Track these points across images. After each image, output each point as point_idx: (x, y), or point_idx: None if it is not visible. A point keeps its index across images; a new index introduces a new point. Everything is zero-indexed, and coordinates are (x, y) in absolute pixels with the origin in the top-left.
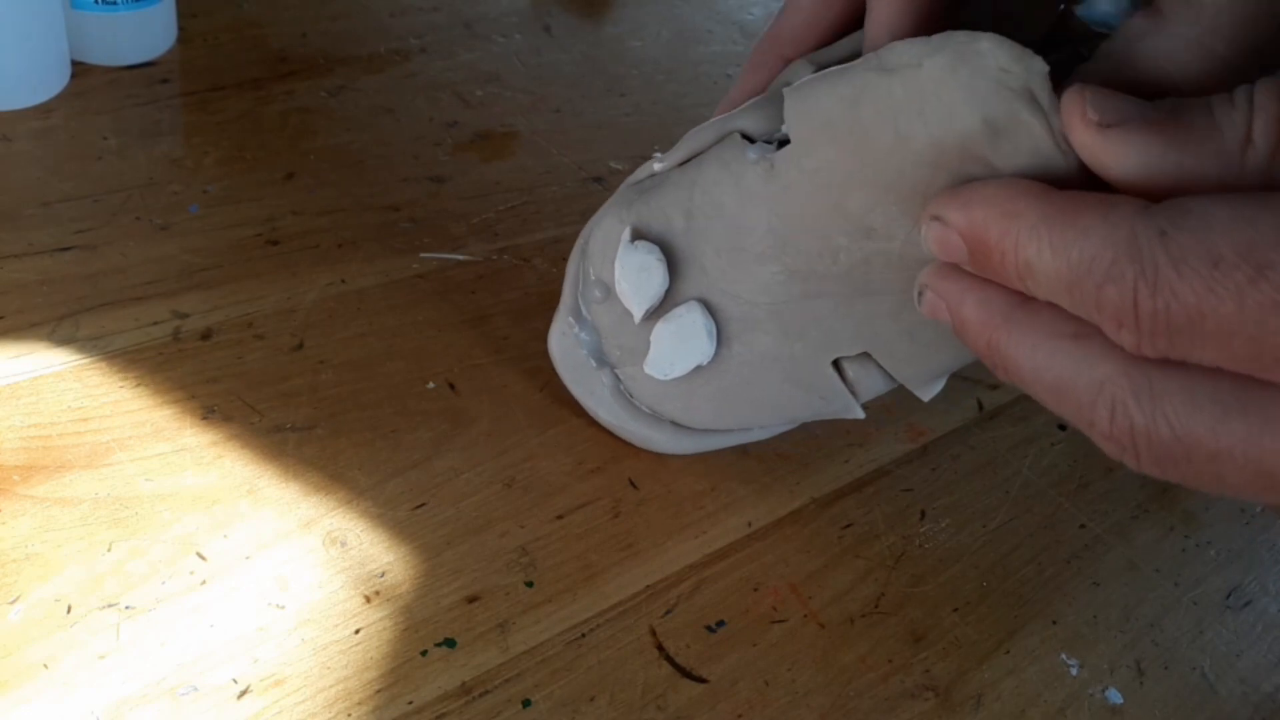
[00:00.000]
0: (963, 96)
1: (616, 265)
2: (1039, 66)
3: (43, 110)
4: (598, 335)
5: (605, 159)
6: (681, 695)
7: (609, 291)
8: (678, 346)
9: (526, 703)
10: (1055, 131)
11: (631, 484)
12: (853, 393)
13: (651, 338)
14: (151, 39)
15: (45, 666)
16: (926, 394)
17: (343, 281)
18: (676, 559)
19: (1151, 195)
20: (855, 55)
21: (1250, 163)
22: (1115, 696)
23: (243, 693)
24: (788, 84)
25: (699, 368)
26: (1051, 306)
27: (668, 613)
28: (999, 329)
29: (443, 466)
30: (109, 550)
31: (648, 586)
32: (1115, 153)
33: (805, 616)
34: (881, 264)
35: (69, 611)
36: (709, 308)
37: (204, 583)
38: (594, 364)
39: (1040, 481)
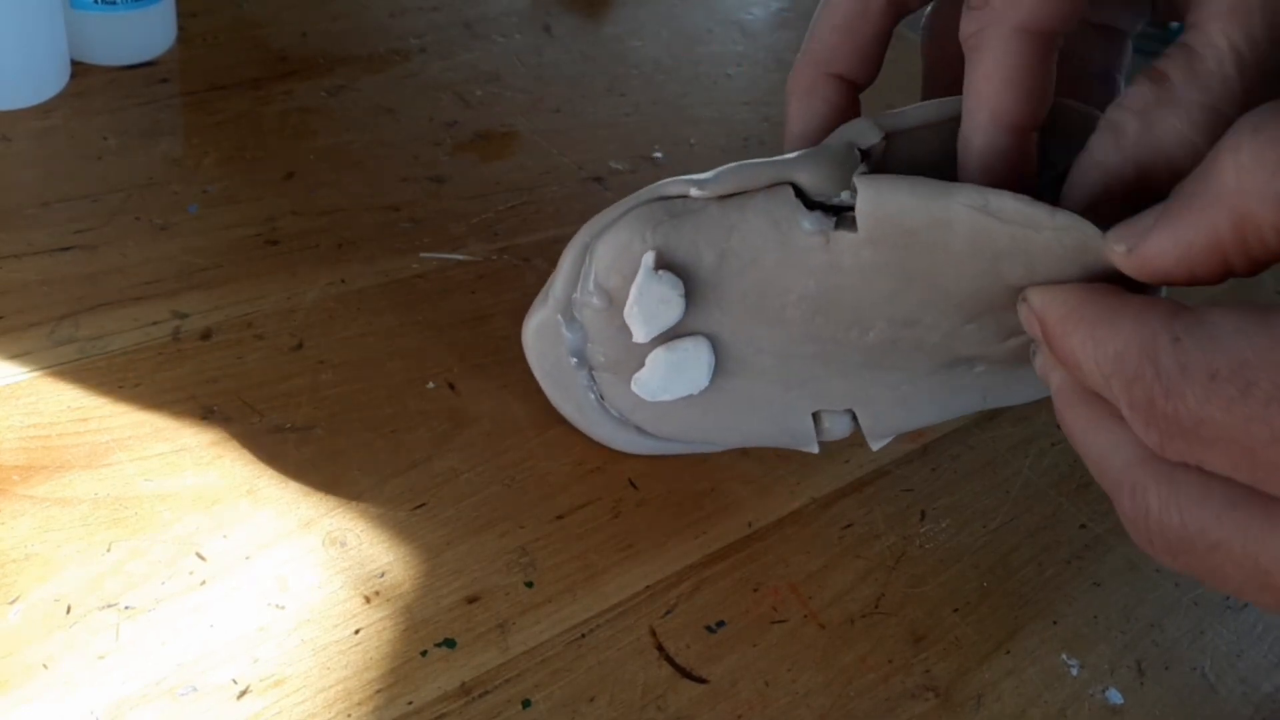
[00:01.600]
0: (1077, 271)
1: (634, 289)
2: None
3: (42, 110)
4: (585, 337)
5: (605, 159)
6: (681, 695)
7: (611, 303)
8: (674, 375)
9: (526, 703)
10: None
11: (631, 484)
12: (818, 434)
13: (649, 359)
14: (151, 39)
15: (45, 666)
16: (878, 445)
17: (343, 281)
18: (676, 559)
19: (1200, 278)
20: (927, 123)
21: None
22: (1116, 697)
23: (243, 693)
24: (851, 143)
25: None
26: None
27: (668, 613)
28: (1063, 402)
29: (443, 466)
30: (109, 550)
31: (648, 586)
32: (1151, 265)
33: (805, 617)
34: (910, 347)
35: (69, 611)
36: (714, 343)
37: (204, 583)
38: (573, 362)
39: (1040, 481)
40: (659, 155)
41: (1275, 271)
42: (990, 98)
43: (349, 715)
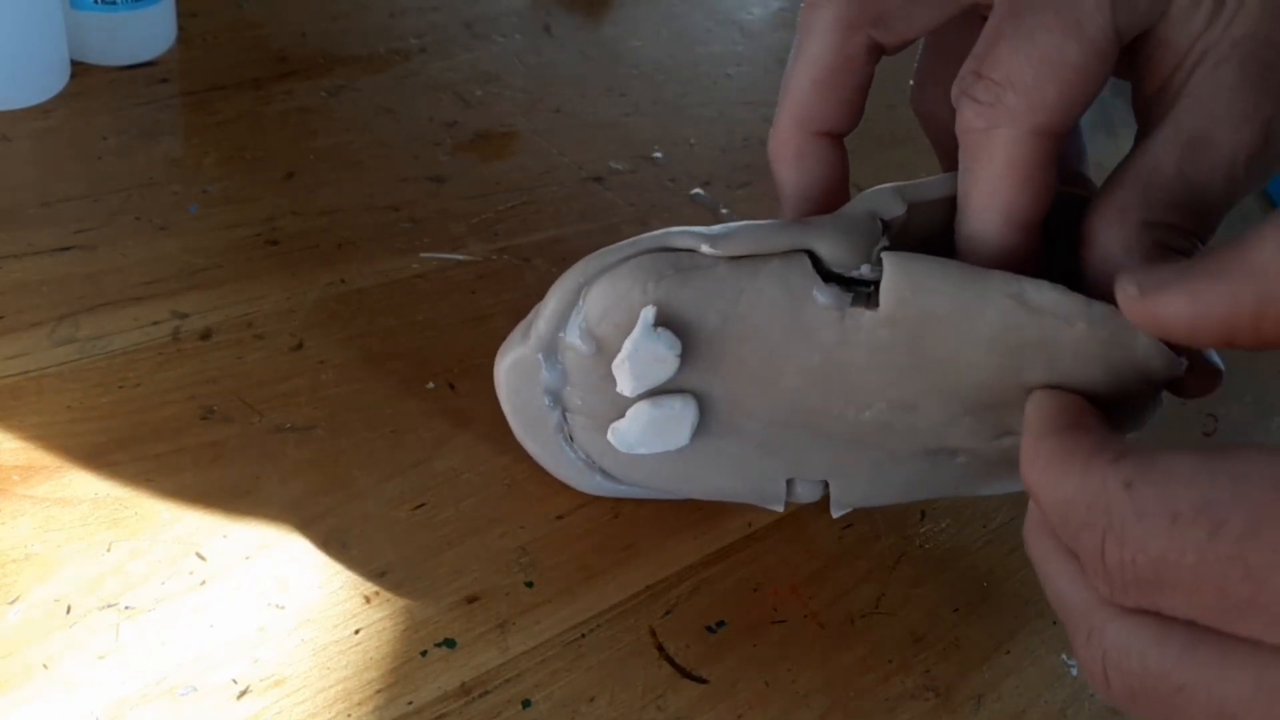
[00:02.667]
0: (1099, 370)
1: (629, 342)
2: (1179, 367)
3: (42, 110)
4: (564, 380)
5: (605, 159)
6: (681, 696)
7: (599, 351)
8: (654, 431)
9: (526, 703)
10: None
11: None
12: (788, 495)
13: (631, 410)
14: (151, 39)
15: (45, 666)
16: (839, 514)
17: (343, 281)
18: (676, 559)
19: (1198, 342)
20: (946, 196)
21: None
22: None
23: (243, 693)
24: (873, 213)
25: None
26: None
27: (668, 613)
28: (1031, 525)
29: (443, 466)
30: (109, 550)
31: (648, 587)
32: (1159, 316)
33: (805, 617)
34: (904, 430)
35: (69, 611)
36: (700, 402)
37: (204, 583)
38: (547, 402)
39: None
40: (659, 155)
41: (1199, 411)
42: (1006, 199)
43: (349, 715)
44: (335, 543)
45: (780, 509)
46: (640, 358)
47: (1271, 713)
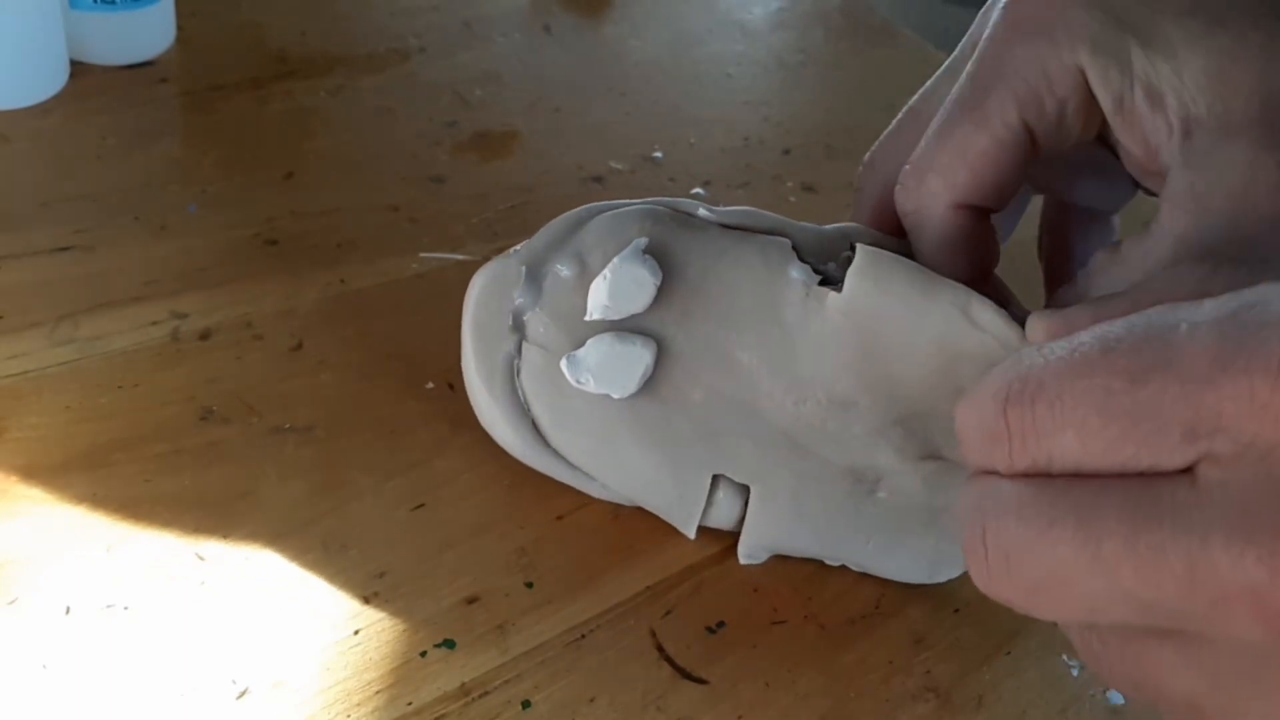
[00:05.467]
0: None
1: (615, 260)
2: None
3: (41, 110)
4: (536, 300)
5: (605, 159)
6: (682, 696)
7: (582, 274)
8: (609, 365)
9: (526, 704)
10: None
11: None
12: (707, 506)
13: (591, 341)
14: (150, 39)
15: (45, 667)
16: (748, 560)
17: (342, 281)
18: (676, 559)
19: None
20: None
21: None
22: (1116, 698)
23: (243, 693)
24: (845, 234)
25: (605, 396)
26: None
27: (668, 613)
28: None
29: (443, 466)
30: (109, 550)
31: (648, 587)
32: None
33: (806, 618)
34: (835, 435)
35: (69, 612)
36: (659, 352)
37: (204, 583)
38: (509, 323)
39: None
40: (659, 155)
41: None
42: (943, 267)
43: (349, 716)
44: (335, 543)
45: (691, 534)
46: (621, 276)
47: (1134, 537)
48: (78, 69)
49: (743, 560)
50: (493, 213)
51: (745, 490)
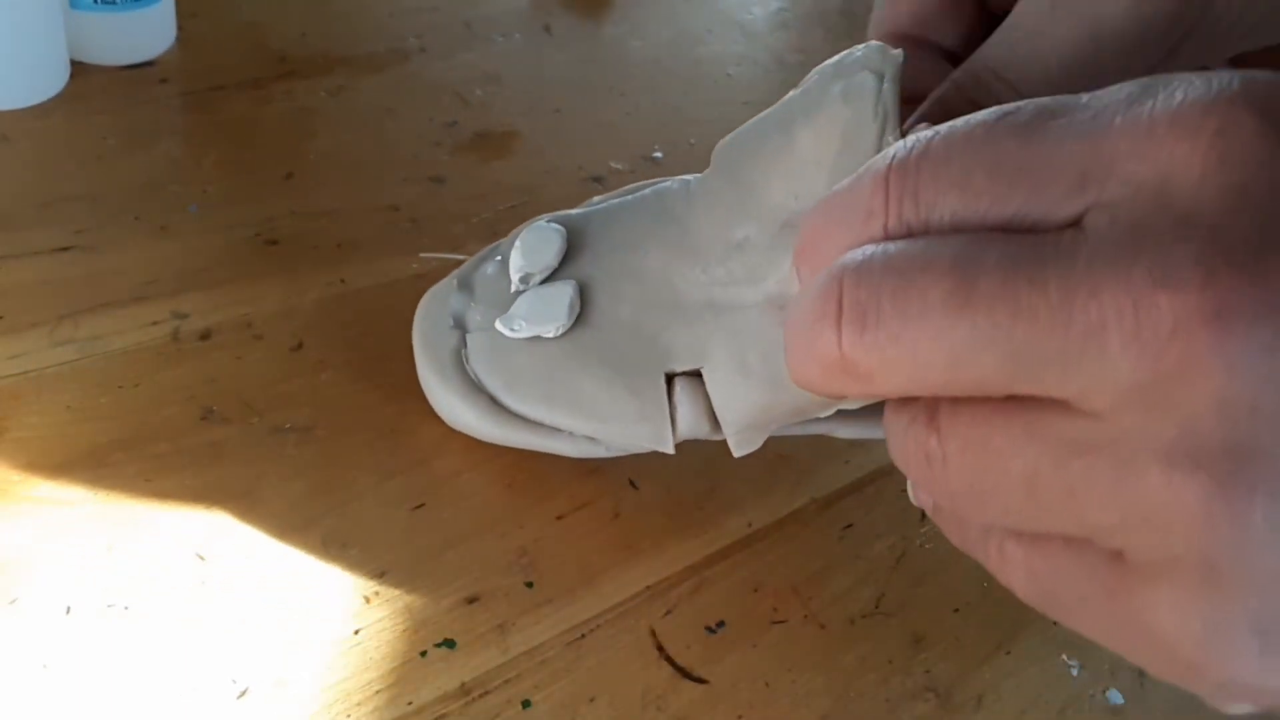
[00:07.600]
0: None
1: (522, 232)
2: None
3: (42, 110)
4: (469, 299)
5: (605, 159)
6: (682, 696)
7: (505, 265)
8: (537, 308)
9: (526, 704)
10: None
11: (631, 484)
12: (673, 419)
13: (518, 299)
14: (151, 39)
15: (45, 667)
16: (738, 448)
17: (342, 281)
18: (676, 559)
19: None
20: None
21: None
22: (1116, 697)
23: (243, 693)
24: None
25: (541, 337)
26: None
27: (668, 613)
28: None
29: (443, 466)
30: (109, 550)
31: (648, 587)
32: None
33: (806, 617)
34: (743, 272)
35: (69, 612)
36: (582, 291)
37: (204, 583)
38: (449, 324)
39: None
40: (659, 155)
41: None
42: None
43: (349, 715)
44: (335, 543)
45: (670, 448)
46: (530, 237)
47: (1013, 271)
48: (78, 69)
49: (736, 452)
50: (493, 213)
51: (702, 385)
